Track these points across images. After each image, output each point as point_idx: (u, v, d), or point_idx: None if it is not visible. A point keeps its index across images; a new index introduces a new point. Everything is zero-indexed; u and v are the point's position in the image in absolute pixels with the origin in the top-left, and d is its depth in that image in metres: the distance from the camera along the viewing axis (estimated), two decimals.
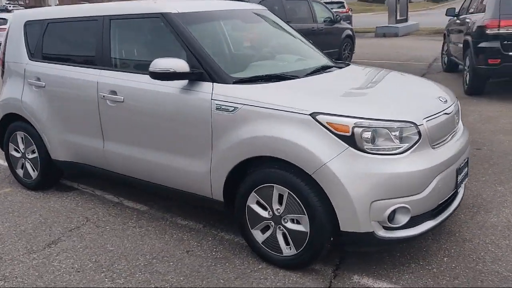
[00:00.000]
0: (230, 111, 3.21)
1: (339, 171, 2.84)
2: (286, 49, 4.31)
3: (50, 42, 4.40)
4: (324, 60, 4.18)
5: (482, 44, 7.86)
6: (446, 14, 10.47)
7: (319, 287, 3.01)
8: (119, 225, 3.92)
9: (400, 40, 19.57)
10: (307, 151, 2.91)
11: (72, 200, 4.47)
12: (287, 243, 3.16)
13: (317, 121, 2.93)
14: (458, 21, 9.87)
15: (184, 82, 3.44)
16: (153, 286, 3.07)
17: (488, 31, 7.74)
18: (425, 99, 3.35)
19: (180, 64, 3.32)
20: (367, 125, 2.87)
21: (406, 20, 22.82)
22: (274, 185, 3.09)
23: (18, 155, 4.73)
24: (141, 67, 3.76)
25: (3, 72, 4.80)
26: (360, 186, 2.84)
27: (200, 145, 3.38)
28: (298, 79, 3.48)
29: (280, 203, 3.11)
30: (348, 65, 4.05)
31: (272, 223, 3.19)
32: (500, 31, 7.60)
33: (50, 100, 4.28)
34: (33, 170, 4.64)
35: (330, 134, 2.90)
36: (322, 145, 2.91)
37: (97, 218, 4.06)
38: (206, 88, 3.35)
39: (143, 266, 3.31)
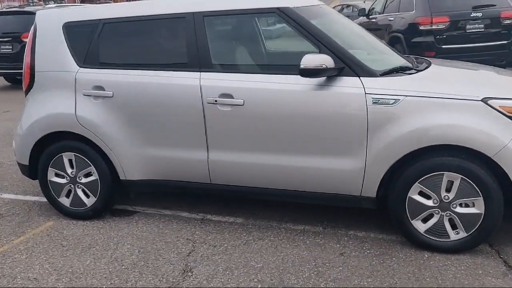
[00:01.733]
0: (391, 104, 3.18)
1: None
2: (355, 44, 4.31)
3: (110, 46, 3.79)
4: (397, 54, 4.24)
5: (417, 39, 8.74)
6: (358, 14, 11.35)
7: (499, 264, 3.16)
8: (235, 241, 3.58)
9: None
10: (486, 135, 3.04)
11: (147, 224, 3.92)
12: (453, 228, 3.25)
13: (489, 105, 3.07)
14: (373, 20, 10.77)
15: (320, 78, 3.30)
16: None
17: (421, 27, 8.63)
18: None
19: (328, 60, 3.19)
20: None
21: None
22: (445, 172, 3.15)
23: (62, 181, 3.98)
24: (260, 67, 3.50)
25: (30, 85, 3.98)
26: None
27: (351, 142, 3.27)
28: (425, 71, 3.53)
29: (448, 189, 3.19)
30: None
31: (438, 211, 3.24)
32: (432, 27, 8.54)
33: (123, 111, 3.69)
34: (87, 196, 3.96)
35: (504, 117, 3.06)
36: (497, 128, 3.05)
37: (201, 238, 3.64)
38: (352, 82, 3.26)
39: (316, 276, 3.10)
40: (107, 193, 3.91)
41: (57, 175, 3.99)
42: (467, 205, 3.19)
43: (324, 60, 3.17)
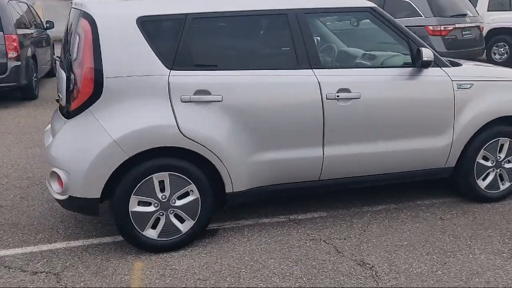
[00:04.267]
0: (468, 88, 3.88)
1: None
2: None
3: (203, 44, 3.28)
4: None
5: None
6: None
7: None
8: (354, 231, 3.67)
9: None
10: None
11: (247, 237, 3.55)
12: (501, 180, 4.19)
13: None
14: None
15: (414, 69, 3.75)
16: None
17: None
18: None
19: (431, 52, 3.69)
20: None
21: None
22: (500, 138, 4.05)
23: (149, 209, 3.20)
24: (365, 61, 3.67)
25: (94, 95, 3.08)
26: None
27: (444, 122, 3.83)
28: (467, 64, 4.25)
29: (499, 151, 4.11)
30: None
31: (494, 169, 4.12)
32: None
33: (233, 116, 3.27)
34: (181, 222, 3.34)
35: None
36: None
37: (323, 236, 3.58)
38: (437, 72, 3.82)
39: (455, 238, 3.57)
40: (208, 213, 3.40)
41: (140, 203, 3.24)
42: (509, 161, 4.17)
43: (431, 53, 3.66)
